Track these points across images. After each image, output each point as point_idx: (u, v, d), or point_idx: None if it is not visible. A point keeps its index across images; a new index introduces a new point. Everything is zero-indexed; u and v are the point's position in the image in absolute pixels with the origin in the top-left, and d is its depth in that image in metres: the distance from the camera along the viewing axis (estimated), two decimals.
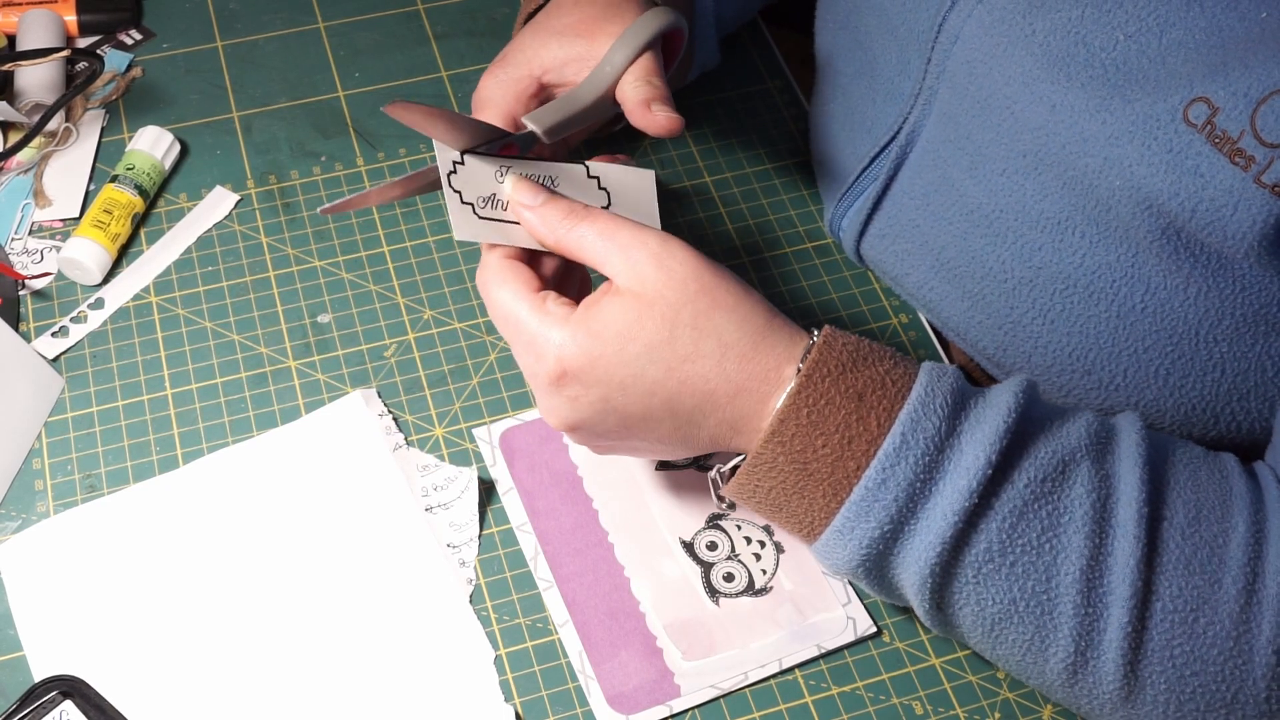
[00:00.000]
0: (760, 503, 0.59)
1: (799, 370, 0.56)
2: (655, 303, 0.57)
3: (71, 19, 0.88)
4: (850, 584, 0.68)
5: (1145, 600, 0.54)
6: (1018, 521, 0.55)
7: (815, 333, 0.58)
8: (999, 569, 0.55)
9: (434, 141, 0.62)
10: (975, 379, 0.80)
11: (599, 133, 0.76)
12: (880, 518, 0.55)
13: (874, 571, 0.57)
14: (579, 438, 0.61)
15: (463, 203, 0.63)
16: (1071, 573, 0.54)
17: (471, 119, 0.62)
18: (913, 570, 0.56)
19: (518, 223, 0.62)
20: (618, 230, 0.59)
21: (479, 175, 0.62)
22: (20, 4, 0.88)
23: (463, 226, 0.64)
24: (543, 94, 0.70)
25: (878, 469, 0.55)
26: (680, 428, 0.59)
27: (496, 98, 0.69)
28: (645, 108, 0.66)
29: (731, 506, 0.71)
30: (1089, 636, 0.55)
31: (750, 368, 0.57)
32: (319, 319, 0.77)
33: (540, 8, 0.75)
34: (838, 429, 0.55)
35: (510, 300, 0.60)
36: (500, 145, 0.63)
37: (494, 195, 0.63)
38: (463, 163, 0.62)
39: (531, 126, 0.65)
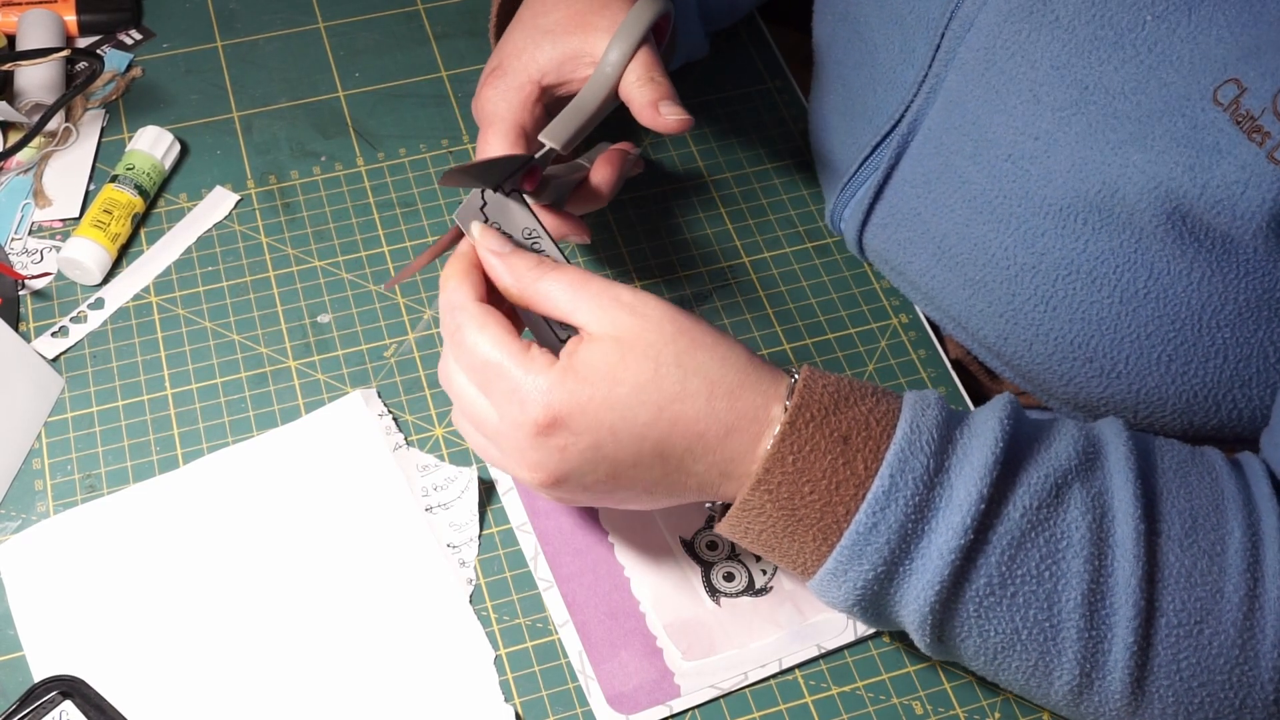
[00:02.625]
0: (752, 543, 0.58)
1: (785, 409, 0.55)
2: (635, 343, 0.55)
3: (71, 19, 0.88)
4: None
5: (1149, 618, 0.54)
6: (1016, 553, 0.54)
7: (795, 372, 0.57)
8: (1000, 601, 0.55)
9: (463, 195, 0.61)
10: (972, 373, 0.80)
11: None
12: (873, 560, 0.55)
13: (870, 610, 0.57)
14: (563, 492, 0.58)
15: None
16: (1073, 598, 0.54)
17: (499, 159, 0.62)
18: (911, 608, 0.56)
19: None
20: (587, 282, 0.57)
21: (509, 213, 0.62)
22: (20, 4, 0.88)
23: None
24: (545, 97, 0.70)
25: (867, 513, 0.54)
26: (670, 474, 0.57)
27: (502, 110, 0.69)
28: (653, 109, 0.66)
29: None
30: (1094, 659, 0.55)
31: (739, 406, 0.56)
32: (319, 319, 0.77)
33: (507, 4, 0.75)
34: (824, 474, 0.55)
35: (490, 347, 0.57)
36: (526, 169, 0.63)
37: (527, 229, 0.62)
38: (485, 204, 0.62)
39: (550, 144, 0.65)
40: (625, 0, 0.70)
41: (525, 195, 0.65)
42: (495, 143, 0.68)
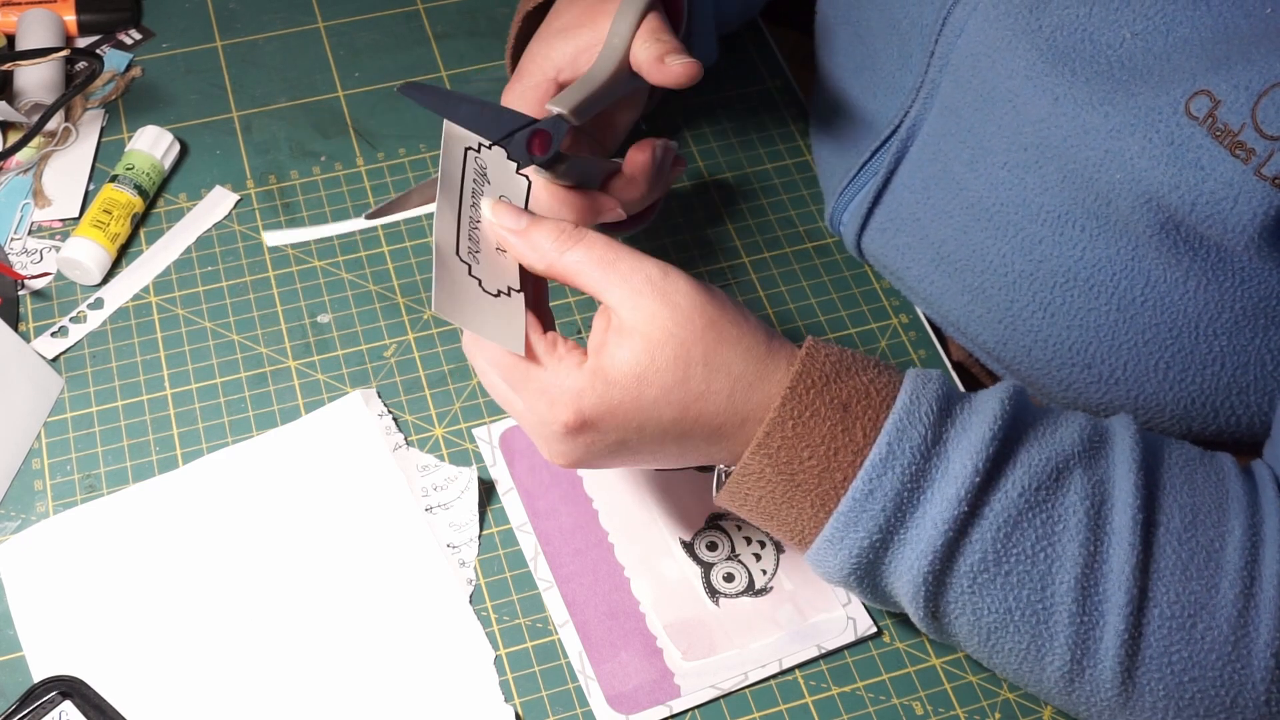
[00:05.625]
0: (751, 511, 0.59)
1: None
2: (666, 342, 0.56)
3: (71, 19, 0.88)
4: None
5: (1141, 607, 0.54)
6: (1012, 530, 0.55)
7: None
8: (994, 578, 0.55)
9: (445, 141, 0.57)
10: (974, 375, 0.80)
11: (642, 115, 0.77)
12: (869, 527, 0.55)
13: (866, 580, 0.57)
14: (580, 468, 0.60)
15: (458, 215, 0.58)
16: (1067, 581, 0.54)
17: (501, 108, 0.60)
18: (905, 579, 0.56)
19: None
20: (616, 258, 0.57)
21: (507, 178, 0.59)
22: (20, 4, 0.88)
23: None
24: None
25: (864, 480, 0.55)
26: (685, 454, 0.59)
27: (520, 110, 0.69)
28: (659, 63, 0.66)
29: None
30: (1085, 645, 0.55)
31: (756, 398, 0.56)
32: (319, 319, 0.77)
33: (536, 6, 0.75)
34: (823, 440, 0.55)
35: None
36: (531, 132, 0.61)
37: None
38: (481, 152, 0.58)
39: (556, 110, 0.64)
40: None
41: (543, 169, 0.63)
42: None
